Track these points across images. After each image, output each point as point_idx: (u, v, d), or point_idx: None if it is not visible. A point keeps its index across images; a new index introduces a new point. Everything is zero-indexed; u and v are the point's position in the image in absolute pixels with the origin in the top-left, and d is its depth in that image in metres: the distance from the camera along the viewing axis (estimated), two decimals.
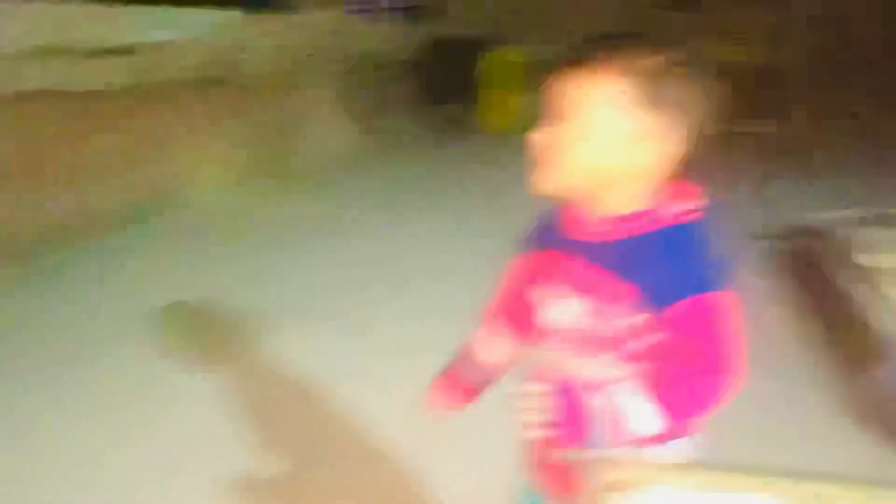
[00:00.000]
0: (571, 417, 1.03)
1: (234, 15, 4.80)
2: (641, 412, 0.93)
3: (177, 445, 2.13)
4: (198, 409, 2.31)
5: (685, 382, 0.94)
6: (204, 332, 2.90)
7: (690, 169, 1.00)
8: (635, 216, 0.99)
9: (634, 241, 0.97)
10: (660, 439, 0.94)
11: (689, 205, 0.99)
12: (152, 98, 4.12)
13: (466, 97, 7.23)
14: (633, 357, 0.96)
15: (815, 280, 3.06)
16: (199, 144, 4.57)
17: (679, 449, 1.01)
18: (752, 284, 2.80)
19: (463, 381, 1.20)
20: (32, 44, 3.27)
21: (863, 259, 2.70)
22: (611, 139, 0.96)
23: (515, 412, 1.15)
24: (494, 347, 1.18)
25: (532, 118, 1.04)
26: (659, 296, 0.93)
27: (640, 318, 0.94)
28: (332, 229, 4.19)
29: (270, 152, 5.32)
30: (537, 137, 1.00)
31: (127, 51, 3.93)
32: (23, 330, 2.91)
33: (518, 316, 1.14)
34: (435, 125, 7.21)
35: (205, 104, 4.56)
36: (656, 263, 0.95)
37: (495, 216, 3.60)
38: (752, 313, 1.01)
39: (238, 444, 2.12)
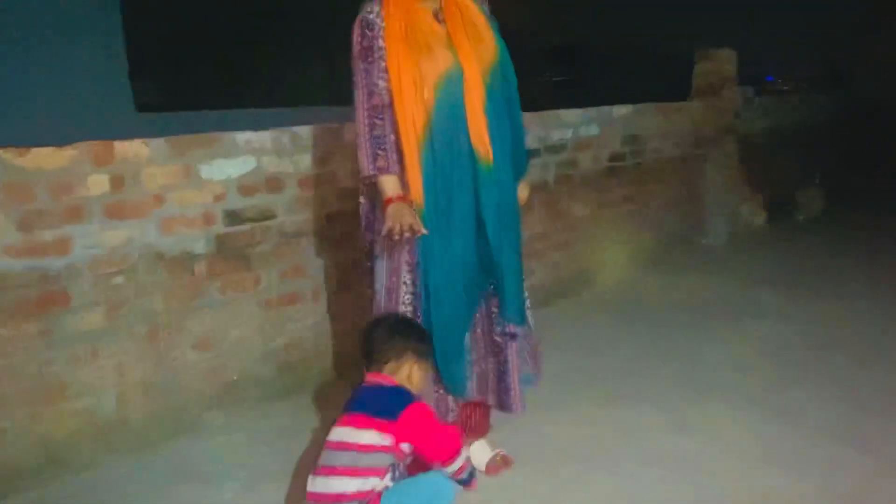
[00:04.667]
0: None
1: (648, 106, 5.11)
2: None
3: None
4: None
5: None
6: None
7: None
8: None
9: None
10: None
11: None
12: (573, 186, 4.57)
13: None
14: None
15: None
16: (609, 227, 4.88)
17: None
18: None
19: None
20: None
21: None
22: None
23: None
24: None
25: None
26: None
27: None
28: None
29: (674, 233, 5.45)
30: None
31: (561, 147, 4.46)
32: None
33: None
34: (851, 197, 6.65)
35: (612, 190, 4.88)
36: None
37: None
38: None
39: None
